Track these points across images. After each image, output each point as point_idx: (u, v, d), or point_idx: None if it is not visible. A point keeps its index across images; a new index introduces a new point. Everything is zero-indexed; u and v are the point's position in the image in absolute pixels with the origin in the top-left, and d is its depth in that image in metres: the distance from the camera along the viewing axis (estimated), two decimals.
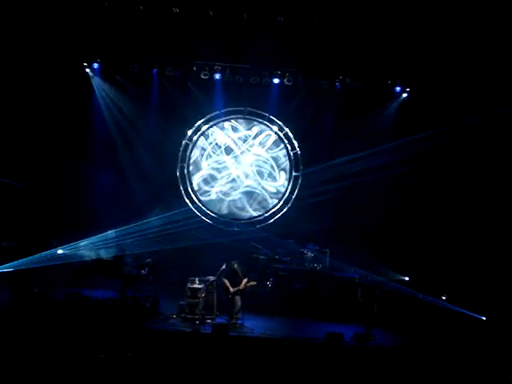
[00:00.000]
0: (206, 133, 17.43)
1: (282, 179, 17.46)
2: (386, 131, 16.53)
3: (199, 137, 17.39)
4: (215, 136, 17.49)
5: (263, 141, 17.48)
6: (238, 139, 17.48)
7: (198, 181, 17.46)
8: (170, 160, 17.25)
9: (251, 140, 17.48)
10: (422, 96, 16.12)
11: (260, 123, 17.43)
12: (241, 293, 13.04)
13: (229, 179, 17.48)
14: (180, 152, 17.28)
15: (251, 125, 17.48)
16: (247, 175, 17.47)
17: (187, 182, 17.36)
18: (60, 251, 15.27)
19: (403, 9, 14.31)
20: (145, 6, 14.91)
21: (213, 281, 13.39)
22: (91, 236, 15.50)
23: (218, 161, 17.50)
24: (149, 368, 9.29)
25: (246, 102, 17.18)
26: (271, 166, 17.50)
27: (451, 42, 14.70)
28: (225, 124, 17.46)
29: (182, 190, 17.27)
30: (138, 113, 16.91)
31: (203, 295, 13.07)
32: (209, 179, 17.49)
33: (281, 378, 9.35)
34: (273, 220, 17.27)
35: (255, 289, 13.80)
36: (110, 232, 15.36)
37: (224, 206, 17.46)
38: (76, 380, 8.77)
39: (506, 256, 14.89)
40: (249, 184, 17.48)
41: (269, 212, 17.33)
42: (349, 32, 15.14)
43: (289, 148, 17.38)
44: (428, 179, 16.14)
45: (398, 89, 16.51)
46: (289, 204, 17.28)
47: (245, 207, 17.46)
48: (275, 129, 17.37)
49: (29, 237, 15.26)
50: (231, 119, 17.44)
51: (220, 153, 17.48)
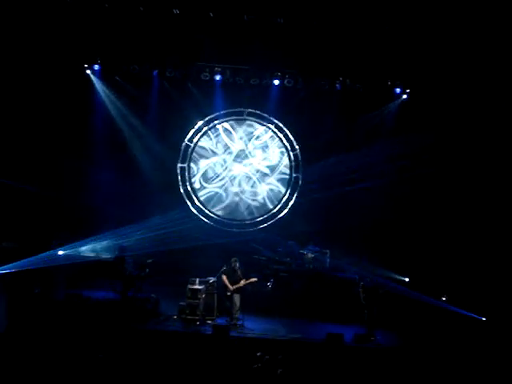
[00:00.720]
0: (207, 134, 17.46)
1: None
2: (386, 132, 16.56)
3: (200, 138, 17.40)
4: (215, 137, 17.51)
5: (263, 142, 17.53)
6: (238, 140, 17.50)
7: (198, 180, 17.47)
8: (171, 161, 17.27)
9: (251, 141, 17.50)
10: (422, 97, 16.15)
11: (260, 124, 17.46)
12: (240, 291, 13.05)
13: (229, 179, 17.51)
14: (180, 153, 17.31)
15: (251, 126, 17.50)
16: (247, 177, 17.52)
17: (187, 183, 17.39)
18: (60, 252, 15.34)
19: (403, 10, 14.33)
20: (145, 8, 14.94)
21: (213, 282, 13.43)
22: (91, 236, 15.61)
23: (218, 162, 17.53)
24: (150, 369, 9.32)
25: (247, 104, 17.21)
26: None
27: (451, 43, 14.72)
28: (225, 125, 17.48)
29: (182, 191, 17.31)
30: (139, 114, 16.90)
31: (203, 296, 13.11)
32: (208, 179, 17.51)
33: (281, 379, 9.37)
34: (273, 221, 17.29)
35: (256, 289, 13.84)
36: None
37: (223, 206, 17.49)
38: (77, 380, 8.80)
39: (506, 256, 14.92)
40: (244, 188, 17.51)
41: (269, 213, 17.35)
42: (349, 33, 15.14)
43: (289, 149, 17.40)
44: (428, 180, 16.15)
45: (398, 90, 16.50)
46: (289, 205, 17.30)
47: (243, 208, 17.49)
48: (275, 130, 17.39)
49: (29, 237, 15.31)
50: (231, 120, 17.46)
51: (220, 154, 17.51)
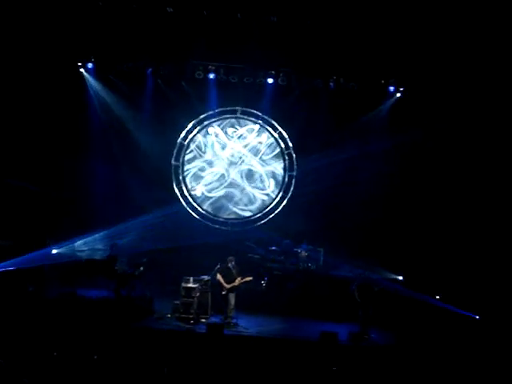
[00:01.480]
0: (200, 132, 17.42)
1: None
2: (380, 130, 16.56)
3: (193, 136, 17.37)
4: (208, 135, 17.47)
5: (256, 140, 17.50)
6: (232, 138, 17.46)
7: (191, 179, 17.46)
8: (165, 159, 17.22)
9: (244, 140, 17.47)
10: (416, 95, 16.18)
11: (254, 123, 17.44)
12: (235, 290, 13.06)
13: (220, 178, 17.46)
14: (174, 151, 17.28)
15: (245, 125, 17.48)
16: (240, 175, 17.49)
17: (181, 181, 17.37)
18: (55, 250, 15.32)
19: (396, 9, 14.37)
20: (139, 6, 14.92)
21: (207, 280, 13.43)
22: (86, 234, 15.60)
23: (211, 160, 17.49)
24: (144, 367, 9.30)
25: (240, 102, 17.19)
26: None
27: (445, 41, 14.77)
28: (218, 123, 17.45)
29: (176, 189, 17.28)
30: (133, 112, 16.87)
31: (198, 295, 13.10)
32: (201, 177, 17.48)
33: (275, 377, 9.38)
34: (267, 219, 17.28)
35: (250, 287, 13.85)
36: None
37: (216, 205, 17.47)
38: (71, 379, 8.77)
39: (501, 254, 14.96)
40: (238, 183, 17.49)
41: (263, 211, 17.33)
42: (342, 32, 15.18)
43: (283, 147, 17.40)
44: (422, 178, 16.21)
45: (392, 88, 16.51)
46: (282, 204, 17.29)
47: (234, 205, 17.47)
48: (269, 129, 17.37)
49: (23, 235, 15.28)
50: (225, 119, 17.44)
51: (213, 151, 17.47)
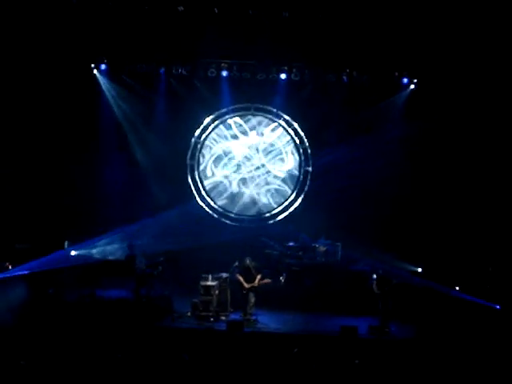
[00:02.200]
0: (215, 131, 17.43)
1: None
2: (395, 122, 16.47)
3: (208, 135, 17.38)
4: (223, 133, 17.48)
5: (272, 137, 17.50)
6: (247, 135, 17.48)
7: (207, 176, 17.52)
8: (180, 158, 17.27)
9: (260, 136, 17.47)
10: (430, 86, 16.07)
11: (268, 119, 17.42)
12: (255, 289, 13.07)
13: (239, 175, 17.53)
14: (189, 150, 17.31)
15: (260, 121, 17.47)
16: (258, 172, 17.51)
17: (197, 181, 17.40)
18: (73, 252, 15.43)
19: (408, 1, 14.30)
20: (150, 6, 14.97)
21: (226, 277, 13.43)
22: (103, 235, 15.67)
23: (228, 162, 17.53)
24: (165, 366, 9.33)
25: (254, 99, 17.17)
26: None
27: (458, 32, 14.66)
28: (233, 121, 17.45)
29: (193, 189, 17.31)
30: (146, 112, 16.94)
31: (217, 292, 13.07)
32: (216, 176, 17.55)
33: (296, 373, 9.36)
34: (284, 215, 17.28)
35: (269, 284, 13.84)
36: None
37: (233, 201, 17.50)
38: (92, 380, 8.83)
39: None
40: (254, 183, 17.53)
41: (280, 207, 17.33)
42: (354, 25, 15.13)
43: (298, 143, 17.37)
44: (441, 169, 16.09)
45: (406, 80, 16.42)
46: (299, 199, 17.27)
47: (253, 203, 17.50)
48: (284, 124, 17.34)
49: (41, 238, 15.40)
50: (239, 116, 17.43)
51: (230, 150, 17.50)
